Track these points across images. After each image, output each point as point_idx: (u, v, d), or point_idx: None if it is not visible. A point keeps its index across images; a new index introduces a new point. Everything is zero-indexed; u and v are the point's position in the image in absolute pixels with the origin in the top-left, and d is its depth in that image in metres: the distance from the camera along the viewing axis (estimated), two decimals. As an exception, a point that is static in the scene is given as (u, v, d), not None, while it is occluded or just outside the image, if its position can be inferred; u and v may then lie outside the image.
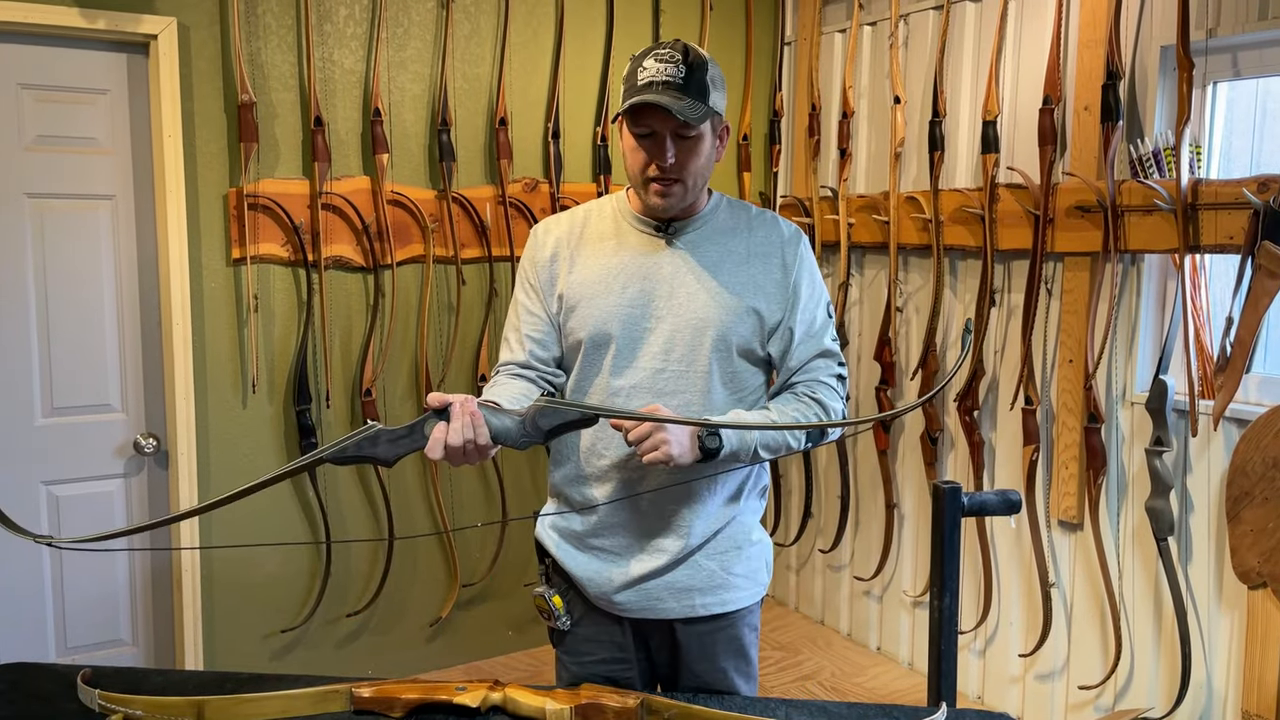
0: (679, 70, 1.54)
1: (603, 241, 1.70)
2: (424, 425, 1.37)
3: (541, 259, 1.73)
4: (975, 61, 3.06)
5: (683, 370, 1.64)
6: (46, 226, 2.65)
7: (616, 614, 1.73)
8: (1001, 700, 3.11)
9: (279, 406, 2.96)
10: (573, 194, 3.33)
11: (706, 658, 1.73)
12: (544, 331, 1.72)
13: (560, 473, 1.75)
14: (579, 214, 1.76)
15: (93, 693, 1.41)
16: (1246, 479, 2.37)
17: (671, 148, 1.57)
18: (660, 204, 1.62)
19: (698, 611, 1.70)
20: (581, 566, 1.72)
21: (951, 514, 1.61)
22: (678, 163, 1.58)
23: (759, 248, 1.69)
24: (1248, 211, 2.31)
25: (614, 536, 1.69)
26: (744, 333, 1.66)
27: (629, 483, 1.66)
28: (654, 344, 1.65)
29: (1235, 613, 2.50)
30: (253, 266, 2.85)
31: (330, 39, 2.92)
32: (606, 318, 1.65)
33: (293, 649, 3.07)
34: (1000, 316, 3.02)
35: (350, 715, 1.43)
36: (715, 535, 1.70)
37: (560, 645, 1.81)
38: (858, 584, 3.60)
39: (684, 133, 1.57)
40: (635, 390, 1.65)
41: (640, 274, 1.66)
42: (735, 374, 1.67)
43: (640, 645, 1.76)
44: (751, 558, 1.75)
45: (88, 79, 2.66)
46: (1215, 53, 2.49)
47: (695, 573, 1.69)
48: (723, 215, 1.72)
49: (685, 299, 1.65)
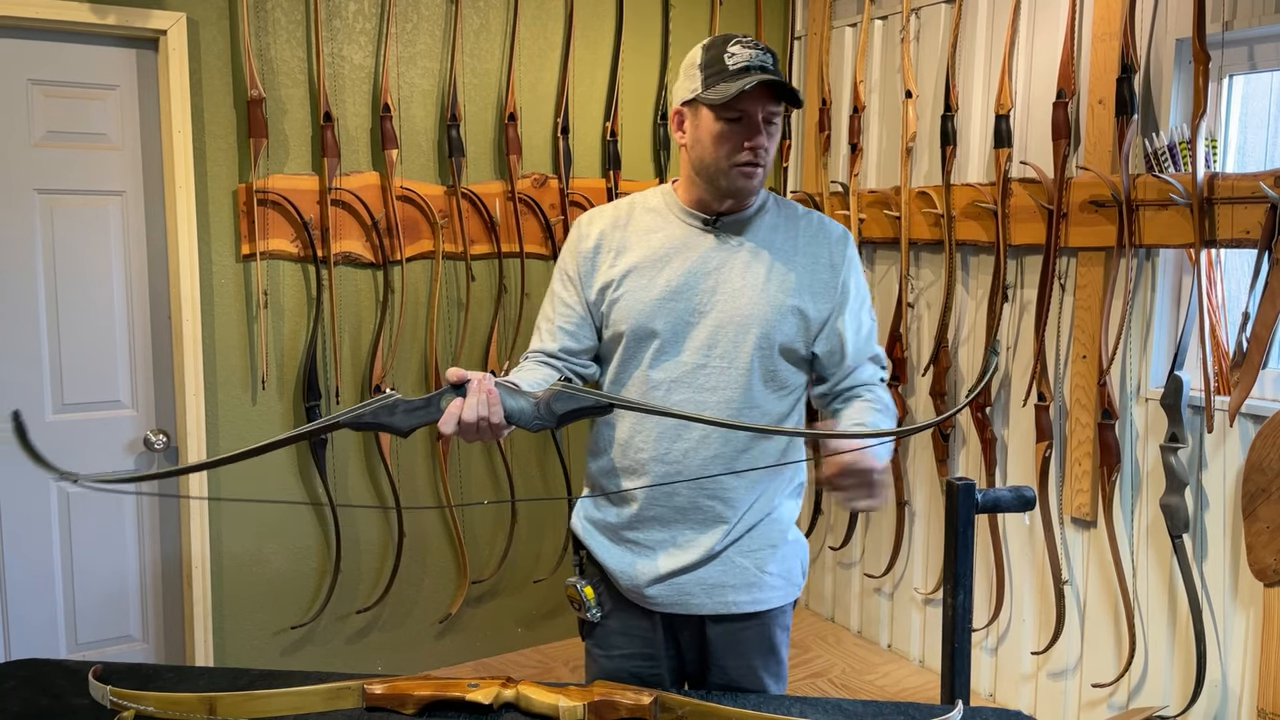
0: (768, 56, 1.57)
1: (649, 234, 1.69)
2: (441, 399, 1.36)
3: (584, 250, 1.72)
4: (988, 55, 3.03)
5: (724, 367, 1.63)
6: (56, 222, 2.65)
7: (648, 608, 1.72)
8: (1014, 698, 3.09)
9: (289, 403, 2.95)
10: (582, 189, 3.32)
11: (737, 655, 1.71)
12: (576, 324, 1.71)
13: (597, 464, 1.74)
14: (623, 205, 1.75)
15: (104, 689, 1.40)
16: (1263, 475, 2.35)
17: (760, 132, 1.58)
18: (748, 186, 1.61)
19: (730, 609, 1.69)
20: (614, 559, 1.71)
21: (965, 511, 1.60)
22: (764, 149, 1.59)
23: (806, 246, 1.68)
24: (1264, 206, 2.28)
25: (648, 530, 1.68)
26: (788, 331, 1.64)
27: (665, 476, 1.65)
28: (697, 339, 1.63)
29: (1251, 610, 2.48)
30: (262, 262, 2.84)
31: (339, 34, 2.91)
32: (650, 311, 1.64)
33: (302, 645, 3.07)
34: (1013, 312, 3.00)
35: (362, 712, 1.42)
36: (750, 532, 1.69)
37: (590, 637, 1.79)
38: (868, 581, 3.58)
39: (773, 116, 1.58)
40: (675, 385, 1.63)
41: (686, 267, 1.64)
42: (776, 373, 1.65)
43: (670, 640, 1.75)
44: (786, 557, 1.74)
45: (97, 74, 2.66)
46: (1231, 46, 2.47)
47: (729, 569, 1.68)
48: (770, 212, 1.70)
49: (730, 295, 1.63)
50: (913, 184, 3.22)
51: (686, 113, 1.63)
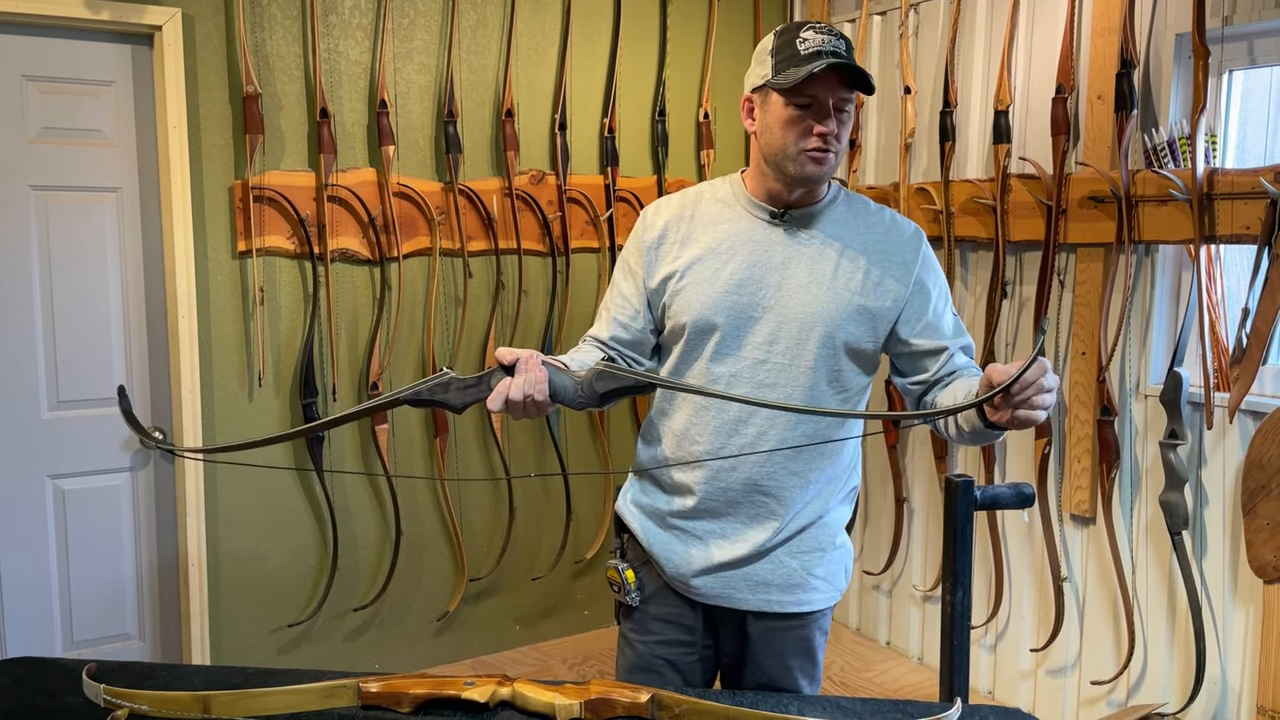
0: (841, 42, 1.54)
1: (715, 225, 1.66)
2: (491, 378, 1.40)
3: (649, 240, 1.70)
4: (987, 50, 3.02)
5: (786, 364, 1.60)
6: (51, 219, 2.64)
7: (691, 597, 1.71)
8: (1013, 695, 3.09)
9: (285, 400, 2.94)
10: (579, 186, 3.31)
11: (774, 654, 1.70)
12: (631, 316, 1.70)
13: (649, 453, 1.73)
14: (690, 195, 1.72)
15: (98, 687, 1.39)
16: (1262, 472, 2.35)
17: (831, 118, 1.55)
18: (817, 173, 1.57)
19: (773, 607, 1.68)
20: (662, 545, 1.70)
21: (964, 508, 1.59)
22: (835, 135, 1.56)
23: (877, 244, 1.64)
24: (1264, 201, 2.28)
25: (700, 520, 1.67)
26: (854, 331, 1.61)
27: (723, 470, 1.63)
28: (759, 334, 1.61)
29: (1250, 607, 2.48)
30: (258, 259, 2.83)
31: (336, 30, 2.90)
32: (713, 304, 1.61)
33: (299, 643, 3.06)
34: (1012, 309, 2.99)
35: (358, 711, 1.41)
36: (801, 533, 1.67)
37: (627, 620, 1.78)
38: (867, 578, 3.58)
39: (844, 104, 1.55)
40: (735, 379, 1.61)
41: (751, 260, 1.62)
42: (840, 373, 1.62)
43: (709, 632, 1.74)
44: (833, 561, 1.72)
45: (92, 70, 2.64)
46: (1231, 40, 2.46)
47: (777, 569, 1.67)
48: (841, 207, 1.67)
49: (795, 290, 1.60)
50: (911, 180, 3.21)
51: (756, 99, 1.60)
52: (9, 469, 2.65)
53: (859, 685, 3.23)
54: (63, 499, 2.72)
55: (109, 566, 2.81)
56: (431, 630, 3.29)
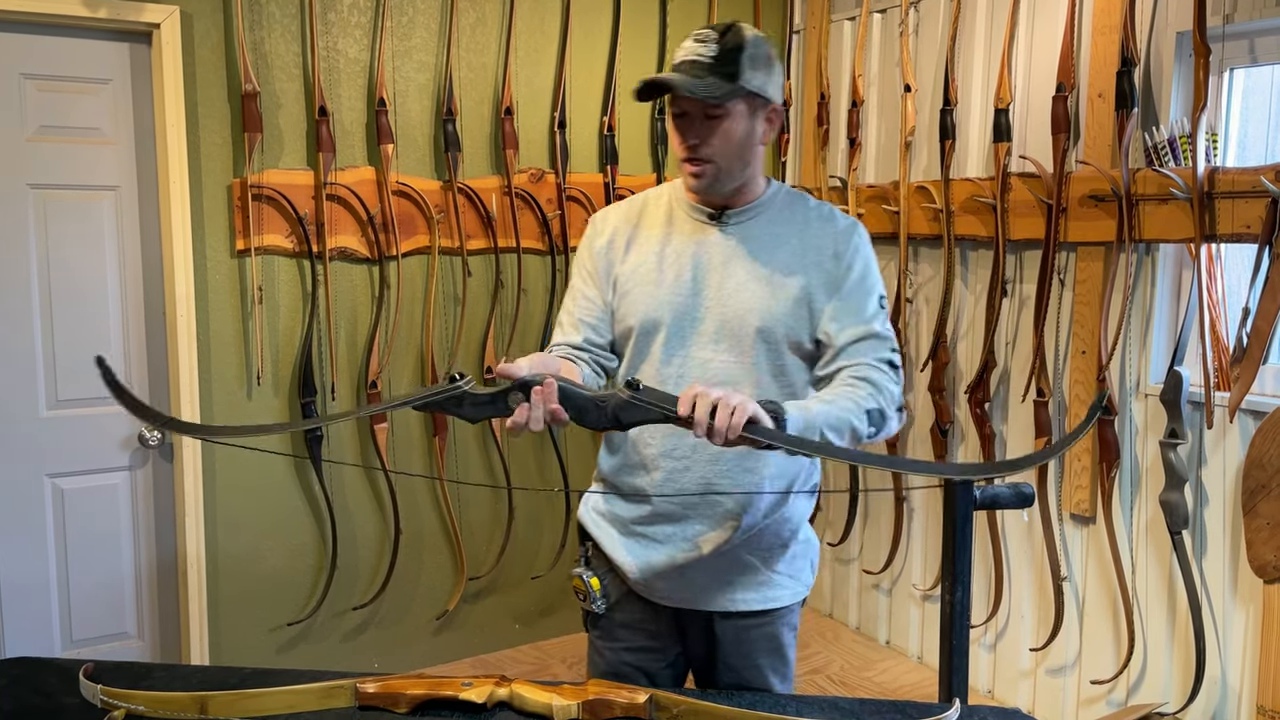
0: (710, 49, 1.54)
1: (659, 229, 1.69)
2: (508, 397, 1.38)
3: (598, 245, 1.72)
4: (987, 48, 3.02)
5: (732, 361, 1.61)
6: (49, 217, 2.63)
7: (656, 602, 1.71)
8: (1012, 695, 3.08)
9: (284, 399, 2.94)
10: (579, 185, 3.31)
11: (743, 654, 1.70)
12: (598, 316, 1.71)
13: (610, 462, 1.74)
14: (636, 201, 1.75)
15: (95, 688, 1.39)
16: (1263, 471, 2.34)
17: (701, 128, 1.56)
18: (693, 184, 1.61)
19: (738, 606, 1.68)
20: (623, 551, 1.70)
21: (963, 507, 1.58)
22: (707, 143, 1.56)
23: (814, 239, 1.65)
24: (1265, 200, 2.27)
25: (659, 524, 1.67)
26: (793, 324, 1.61)
27: (675, 471, 1.64)
28: (704, 334, 1.62)
29: (1250, 607, 2.47)
30: (257, 258, 2.83)
31: (334, 28, 2.90)
32: (657, 305, 1.64)
33: (298, 643, 3.06)
34: (1012, 307, 2.98)
35: (355, 711, 1.41)
36: (761, 529, 1.67)
37: (595, 628, 1.79)
38: (867, 577, 3.58)
39: (711, 112, 1.55)
40: (684, 379, 1.62)
41: (693, 262, 1.64)
42: (784, 367, 1.63)
43: (676, 635, 1.74)
44: (796, 556, 1.73)
45: (90, 68, 2.64)
46: (1232, 39, 2.45)
47: (738, 566, 1.67)
48: (779, 204, 1.68)
49: (735, 289, 1.62)
50: (911, 179, 3.21)
51: None
52: (7, 468, 2.64)
53: (859, 684, 3.22)
54: (61, 498, 2.72)
55: (107, 566, 2.81)
56: (431, 629, 3.28)
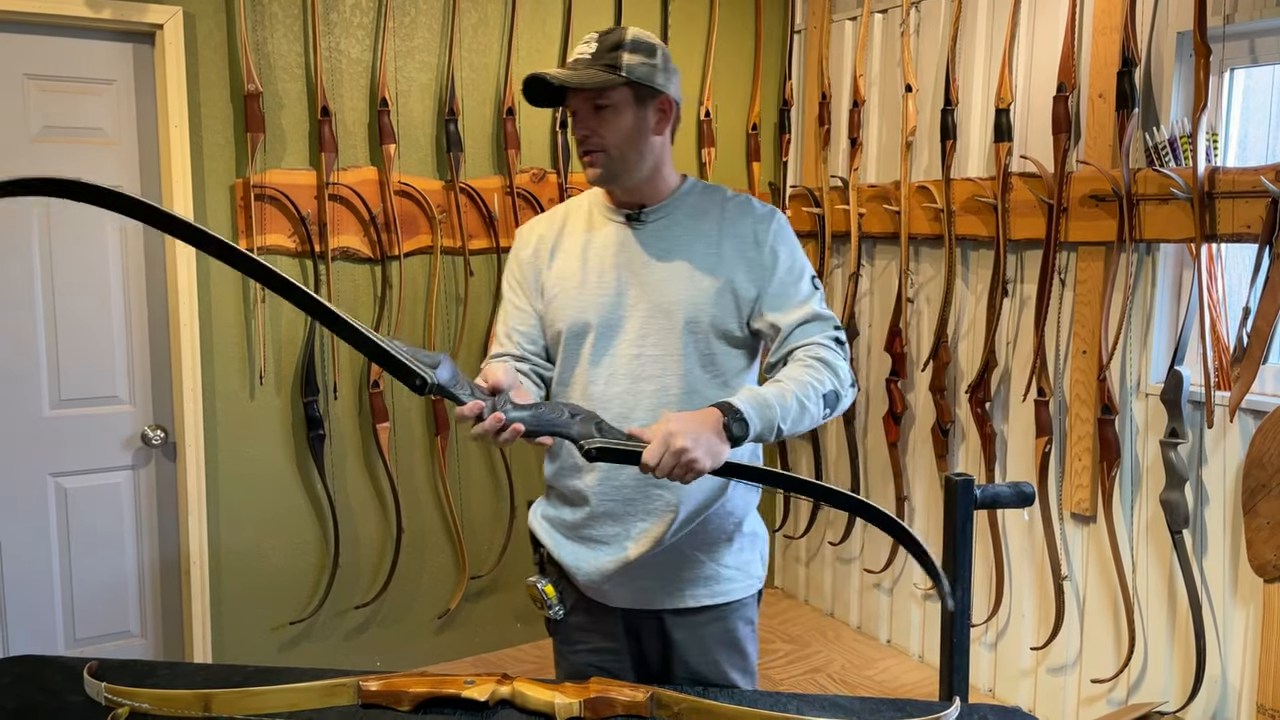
0: (591, 47, 1.62)
1: (580, 235, 1.73)
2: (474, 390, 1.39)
3: (524, 256, 1.77)
4: (988, 48, 3.02)
5: (658, 354, 1.65)
6: (53, 218, 2.64)
7: (608, 604, 1.73)
8: (1013, 693, 3.09)
9: (286, 398, 2.95)
10: (581, 185, 3.31)
11: (699, 651, 1.72)
12: (532, 325, 1.75)
13: (553, 467, 1.76)
14: (559, 211, 1.80)
15: (99, 686, 1.40)
16: (1263, 471, 2.35)
17: (590, 120, 1.61)
18: (590, 175, 1.66)
19: (687, 602, 1.70)
20: (571, 556, 1.72)
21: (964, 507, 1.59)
22: (596, 134, 1.61)
23: (731, 228, 1.68)
24: (1265, 200, 2.27)
25: (602, 525, 1.69)
26: (718, 313, 1.65)
27: (611, 469, 1.65)
28: (630, 331, 1.65)
29: (1250, 606, 2.48)
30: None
31: (337, 28, 2.90)
32: (583, 308, 1.67)
33: (300, 641, 3.06)
34: (1013, 307, 2.99)
35: (358, 709, 1.42)
36: (703, 522, 1.68)
37: (555, 634, 1.82)
38: (868, 576, 3.58)
39: (598, 102, 1.60)
40: (613, 378, 1.65)
41: (615, 263, 1.68)
42: (713, 356, 1.66)
43: (632, 636, 1.76)
44: (743, 549, 1.74)
45: (93, 69, 2.65)
46: (1233, 39, 2.46)
47: (684, 563, 1.69)
48: (694, 198, 1.71)
49: (657, 284, 1.65)
50: (912, 178, 3.21)
51: None
52: (11, 467, 2.65)
53: (859, 683, 3.23)
54: (64, 497, 2.73)
55: (111, 565, 2.82)
56: (433, 628, 3.29)
